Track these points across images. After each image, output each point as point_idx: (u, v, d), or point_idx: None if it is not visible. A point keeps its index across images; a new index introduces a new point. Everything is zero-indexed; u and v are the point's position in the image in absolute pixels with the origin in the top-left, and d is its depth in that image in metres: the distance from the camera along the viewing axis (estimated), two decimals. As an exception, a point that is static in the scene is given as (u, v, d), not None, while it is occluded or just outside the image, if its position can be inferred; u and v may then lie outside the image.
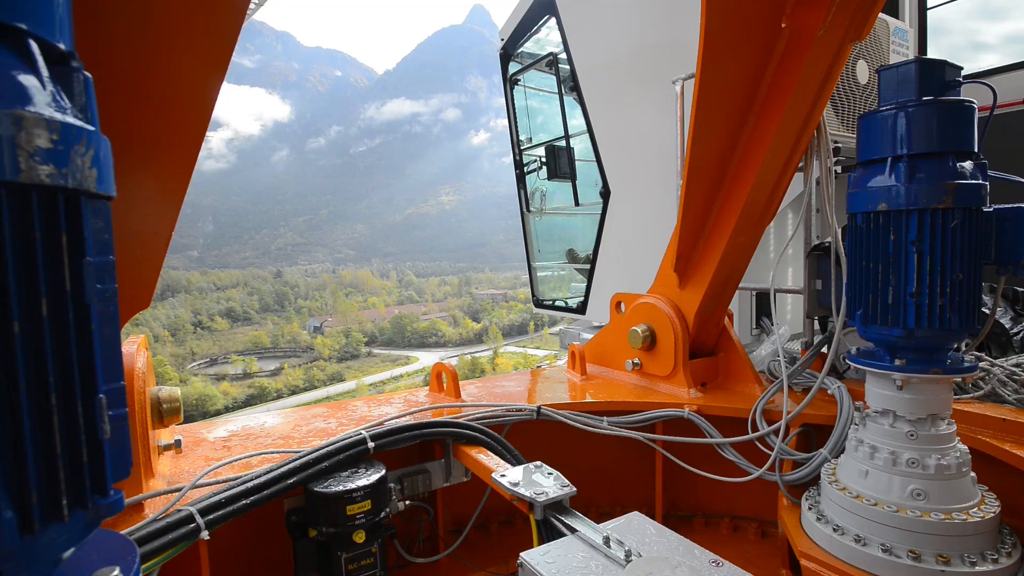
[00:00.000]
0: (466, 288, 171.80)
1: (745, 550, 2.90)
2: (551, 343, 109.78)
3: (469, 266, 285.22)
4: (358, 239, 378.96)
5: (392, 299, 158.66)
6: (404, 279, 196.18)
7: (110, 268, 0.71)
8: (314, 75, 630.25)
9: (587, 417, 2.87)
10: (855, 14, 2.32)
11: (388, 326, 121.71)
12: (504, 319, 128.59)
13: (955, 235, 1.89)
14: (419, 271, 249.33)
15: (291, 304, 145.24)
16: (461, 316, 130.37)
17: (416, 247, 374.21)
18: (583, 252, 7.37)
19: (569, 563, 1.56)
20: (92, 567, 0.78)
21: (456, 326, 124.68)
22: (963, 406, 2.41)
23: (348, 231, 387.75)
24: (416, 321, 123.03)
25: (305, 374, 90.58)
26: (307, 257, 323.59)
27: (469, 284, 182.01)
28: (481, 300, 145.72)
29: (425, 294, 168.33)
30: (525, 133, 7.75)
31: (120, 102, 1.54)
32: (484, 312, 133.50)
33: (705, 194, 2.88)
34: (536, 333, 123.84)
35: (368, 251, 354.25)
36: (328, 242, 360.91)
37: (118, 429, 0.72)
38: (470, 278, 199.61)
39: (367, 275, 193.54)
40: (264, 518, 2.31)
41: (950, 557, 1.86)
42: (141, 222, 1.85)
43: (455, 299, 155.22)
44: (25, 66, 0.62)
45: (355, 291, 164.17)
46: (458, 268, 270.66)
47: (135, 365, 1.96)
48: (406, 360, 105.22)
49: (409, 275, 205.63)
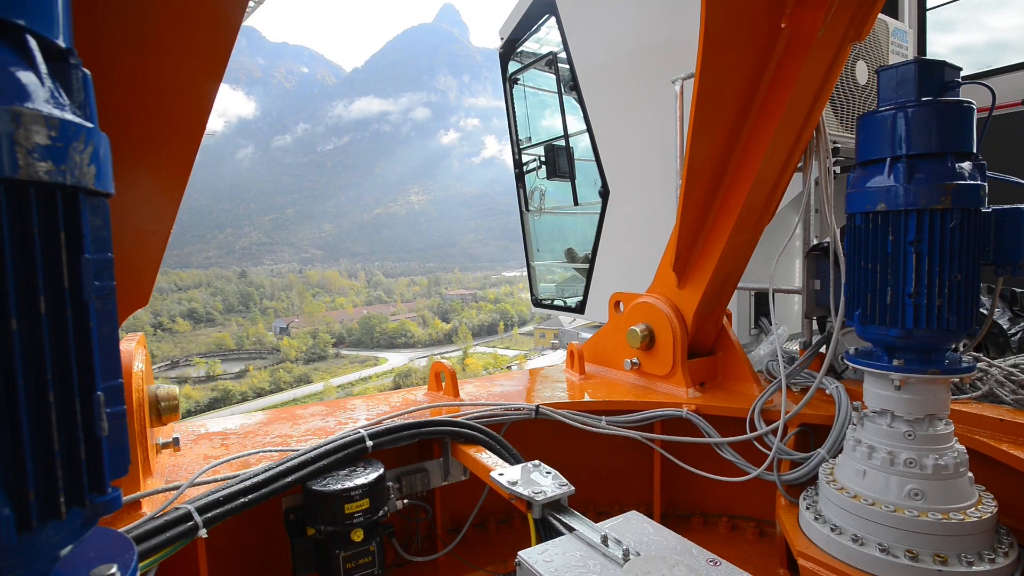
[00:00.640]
0: (435, 288, 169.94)
1: (743, 549, 2.91)
2: (521, 343, 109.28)
3: (438, 266, 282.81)
4: (325, 239, 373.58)
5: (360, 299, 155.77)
6: (373, 279, 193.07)
7: (108, 265, 0.71)
8: (280, 71, 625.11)
9: (585, 416, 2.87)
10: (854, 14, 2.32)
11: (356, 327, 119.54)
12: (474, 319, 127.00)
13: (953, 236, 1.90)
14: (388, 271, 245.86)
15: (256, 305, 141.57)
16: (430, 316, 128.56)
17: (385, 247, 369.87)
18: (582, 252, 7.38)
19: (567, 562, 1.56)
20: (90, 565, 0.78)
21: (425, 326, 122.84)
22: (961, 406, 2.41)
23: (315, 230, 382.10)
24: (385, 322, 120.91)
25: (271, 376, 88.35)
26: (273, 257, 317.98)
27: (438, 284, 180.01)
28: (451, 300, 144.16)
29: (394, 294, 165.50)
30: (524, 132, 7.75)
31: (119, 99, 1.53)
32: (454, 312, 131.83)
33: (704, 193, 2.89)
34: (506, 333, 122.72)
35: (336, 251, 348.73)
36: (295, 241, 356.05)
37: (116, 426, 0.72)
38: (439, 278, 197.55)
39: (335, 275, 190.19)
40: (262, 516, 2.31)
41: (947, 557, 1.86)
42: (140, 219, 1.85)
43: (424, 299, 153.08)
44: (24, 63, 0.62)
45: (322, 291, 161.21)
46: (427, 268, 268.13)
47: (133, 362, 1.96)
48: (375, 361, 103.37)
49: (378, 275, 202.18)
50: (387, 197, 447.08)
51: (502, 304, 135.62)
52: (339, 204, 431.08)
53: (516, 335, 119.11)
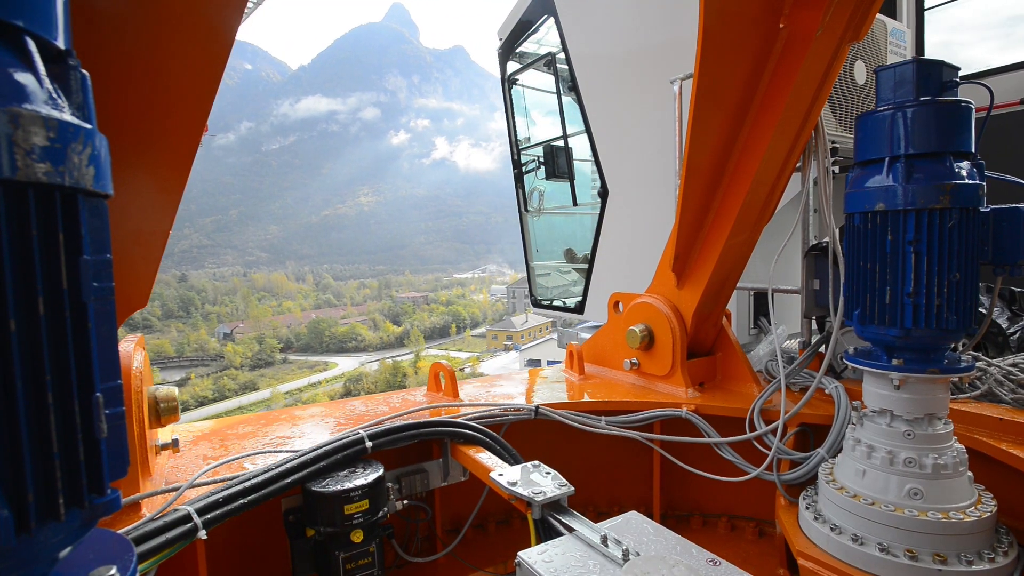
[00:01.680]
0: (386, 291, 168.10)
1: (743, 549, 2.91)
2: (474, 345, 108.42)
3: (389, 268, 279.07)
4: (271, 241, 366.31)
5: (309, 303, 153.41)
6: (321, 282, 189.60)
7: (107, 266, 0.71)
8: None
9: (585, 417, 2.87)
10: (853, 14, 2.33)
11: (305, 331, 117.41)
12: (425, 322, 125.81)
13: (952, 235, 1.90)
14: (337, 274, 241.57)
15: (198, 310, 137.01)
16: (381, 319, 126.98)
17: (333, 249, 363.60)
18: (581, 252, 7.38)
19: (567, 562, 1.56)
20: (89, 566, 0.78)
21: (376, 330, 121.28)
22: (960, 406, 2.41)
23: (260, 232, 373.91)
24: (335, 325, 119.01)
25: (214, 384, 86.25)
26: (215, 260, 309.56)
27: (389, 287, 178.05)
28: (402, 303, 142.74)
29: (344, 297, 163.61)
30: (523, 133, 7.74)
31: (118, 100, 1.53)
32: (405, 315, 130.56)
33: (703, 194, 2.89)
34: (458, 335, 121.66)
35: (282, 253, 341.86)
36: (238, 244, 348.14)
37: (115, 428, 0.72)
38: (390, 281, 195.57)
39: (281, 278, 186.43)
40: (262, 518, 2.31)
41: (947, 556, 1.86)
42: (139, 221, 1.85)
43: (375, 302, 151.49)
44: (22, 64, 0.62)
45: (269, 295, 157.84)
46: (377, 271, 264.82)
47: (132, 364, 1.96)
48: (324, 366, 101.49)
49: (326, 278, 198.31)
50: (335, 198, 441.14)
51: (454, 306, 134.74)
52: (285, 205, 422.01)
53: (469, 337, 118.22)
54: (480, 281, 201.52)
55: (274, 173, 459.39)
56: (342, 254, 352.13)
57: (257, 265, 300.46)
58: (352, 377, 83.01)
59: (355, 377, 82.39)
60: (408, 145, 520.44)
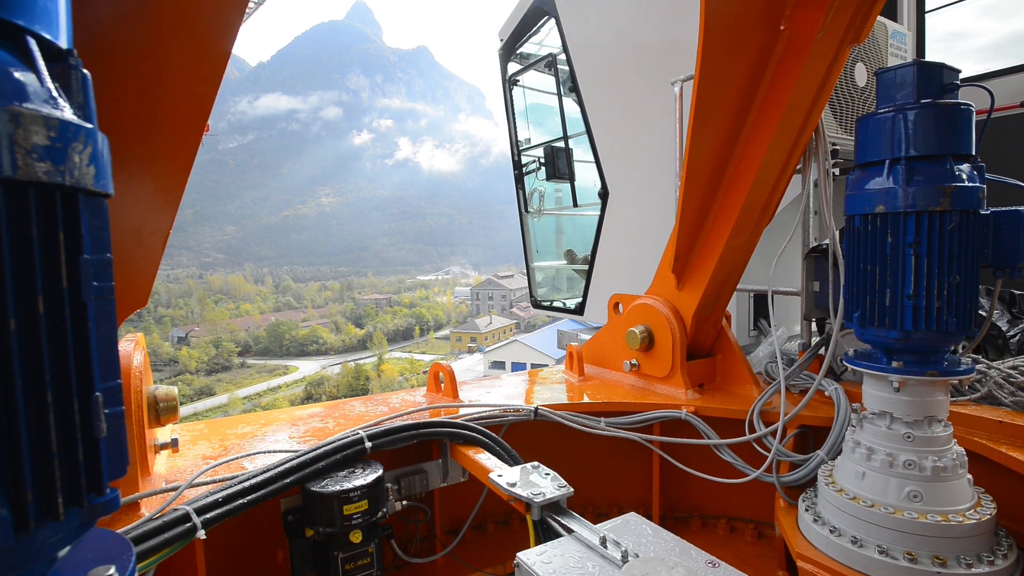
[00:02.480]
0: (348, 293, 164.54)
1: (742, 551, 2.91)
2: (437, 347, 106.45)
3: (351, 270, 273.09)
4: (228, 242, 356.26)
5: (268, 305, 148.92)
6: (281, 284, 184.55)
7: (107, 266, 0.71)
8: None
9: (585, 418, 2.87)
10: (853, 17, 2.33)
11: (264, 334, 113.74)
12: (389, 324, 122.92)
13: (952, 238, 1.90)
14: (297, 276, 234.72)
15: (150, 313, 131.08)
16: (344, 322, 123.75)
17: (294, 250, 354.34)
18: (581, 253, 7.38)
19: (566, 563, 1.56)
20: (88, 566, 0.78)
21: (338, 332, 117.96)
22: (960, 408, 2.41)
23: (216, 233, 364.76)
24: (295, 328, 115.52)
25: None
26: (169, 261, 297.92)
27: (351, 289, 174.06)
28: (364, 305, 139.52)
29: (304, 300, 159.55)
30: (524, 134, 7.75)
31: (119, 100, 1.53)
32: (368, 317, 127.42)
33: (703, 195, 2.89)
34: (422, 338, 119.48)
35: (240, 255, 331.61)
36: (193, 245, 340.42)
37: (114, 427, 0.72)
38: (352, 283, 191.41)
39: (239, 280, 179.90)
40: (261, 518, 2.31)
41: (946, 559, 1.86)
42: (139, 220, 1.85)
43: (337, 304, 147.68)
44: (23, 63, 0.62)
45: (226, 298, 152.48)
46: (339, 272, 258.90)
47: (132, 363, 1.96)
48: (284, 370, 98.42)
49: (286, 280, 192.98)
50: (296, 198, 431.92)
51: (417, 308, 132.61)
52: (243, 205, 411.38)
53: (432, 339, 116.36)
54: (444, 283, 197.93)
55: (231, 172, 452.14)
56: (303, 255, 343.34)
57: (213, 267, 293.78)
58: (313, 381, 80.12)
59: (316, 381, 79.63)
60: (371, 145, 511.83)
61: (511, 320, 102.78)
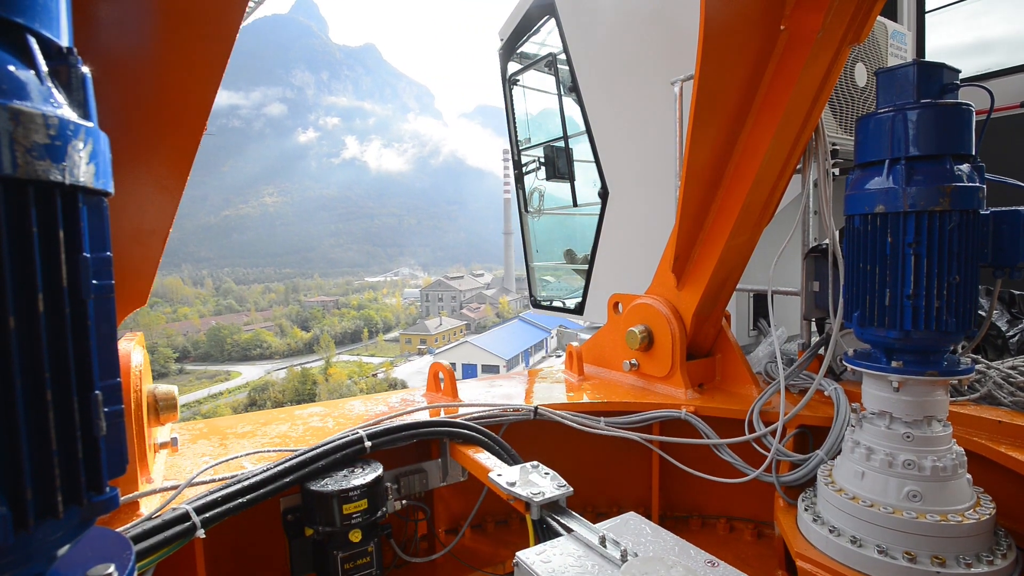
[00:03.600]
0: (293, 295, 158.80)
1: (741, 551, 2.91)
2: (387, 350, 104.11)
3: (296, 272, 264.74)
4: None
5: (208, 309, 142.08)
6: (222, 287, 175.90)
7: (107, 264, 0.71)
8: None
9: (584, 417, 2.87)
10: (853, 17, 2.33)
11: (204, 339, 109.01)
12: (336, 327, 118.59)
13: (952, 238, 1.90)
14: (239, 278, 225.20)
15: None
16: (289, 325, 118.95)
17: (235, 252, 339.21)
18: (581, 252, 7.37)
19: (565, 563, 1.56)
20: (87, 564, 0.78)
21: (283, 336, 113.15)
22: (959, 408, 2.41)
23: None
24: (237, 332, 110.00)
25: None
26: None
27: (297, 291, 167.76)
28: (310, 308, 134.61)
29: (247, 303, 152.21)
30: (524, 134, 7.75)
31: (119, 98, 1.53)
32: (314, 320, 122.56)
33: (703, 195, 2.89)
34: (371, 340, 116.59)
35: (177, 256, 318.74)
36: None
37: (114, 426, 0.72)
38: (297, 284, 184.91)
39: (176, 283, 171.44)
40: (260, 517, 2.31)
41: (945, 559, 1.86)
42: (139, 219, 1.85)
43: (281, 307, 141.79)
44: (23, 61, 0.62)
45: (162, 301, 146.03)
46: (284, 274, 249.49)
47: (131, 362, 1.96)
48: (226, 376, 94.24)
49: (228, 282, 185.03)
50: (237, 198, 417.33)
51: (366, 310, 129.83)
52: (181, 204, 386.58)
53: (381, 342, 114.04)
54: (393, 284, 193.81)
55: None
56: (245, 257, 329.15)
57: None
58: (257, 387, 76.37)
59: (260, 386, 75.90)
60: (316, 143, 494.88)
61: (461, 321, 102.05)
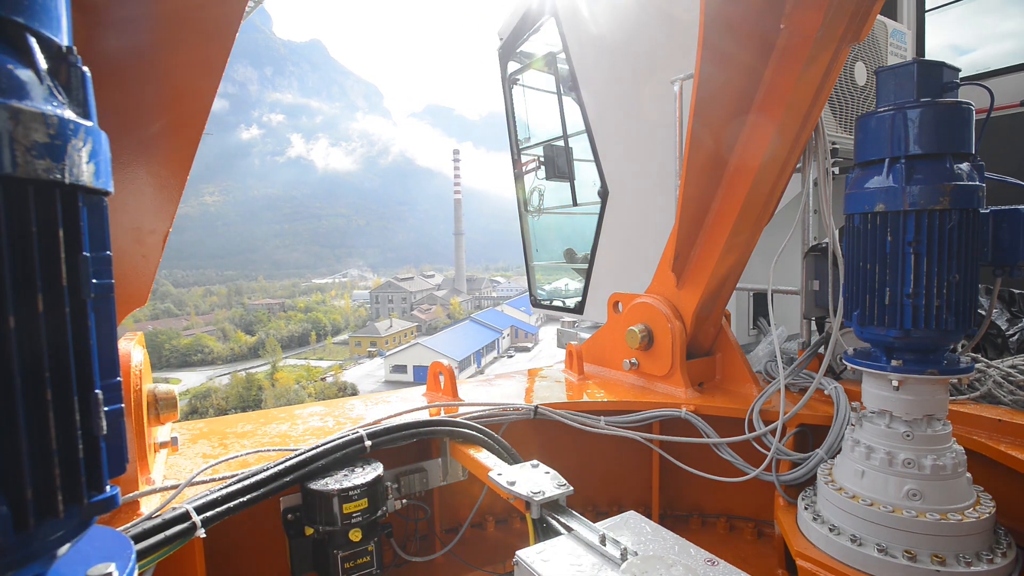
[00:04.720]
0: (237, 298, 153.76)
1: (741, 550, 2.91)
2: (336, 353, 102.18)
3: (239, 274, 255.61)
4: None
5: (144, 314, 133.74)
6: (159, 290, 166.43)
7: (107, 263, 0.71)
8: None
9: (584, 416, 2.87)
10: (853, 16, 2.32)
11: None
12: (282, 330, 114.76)
13: (952, 236, 1.90)
14: (178, 280, 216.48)
15: None
16: (232, 329, 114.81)
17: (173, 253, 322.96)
18: (581, 252, 7.37)
19: (565, 562, 1.56)
20: (88, 563, 0.78)
21: (226, 340, 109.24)
22: (959, 407, 2.42)
23: None
24: (176, 337, 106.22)
25: None
26: None
27: (240, 294, 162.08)
28: (255, 311, 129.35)
29: (187, 306, 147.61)
30: (523, 133, 7.75)
31: (119, 97, 1.53)
32: (259, 324, 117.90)
33: (703, 194, 2.89)
34: (319, 343, 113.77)
35: None
36: None
37: (114, 425, 0.72)
38: (241, 287, 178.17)
39: None
40: (260, 516, 2.31)
41: (945, 557, 1.86)
42: (138, 219, 1.85)
43: (224, 311, 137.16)
44: (22, 61, 0.62)
45: None
46: (226, 276, 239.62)
47: (131, 361, 1.96)
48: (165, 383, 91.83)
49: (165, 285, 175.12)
50: None
51: (313, 313, 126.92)
52: None
53: (330, 345, 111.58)
54: (341, 286, 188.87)
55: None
56: (183, 259, 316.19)
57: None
58: (199, 394, 72.67)
59: (202, 393, 72.26)
60: (260, 141, 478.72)
61: (412, 323, 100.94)
